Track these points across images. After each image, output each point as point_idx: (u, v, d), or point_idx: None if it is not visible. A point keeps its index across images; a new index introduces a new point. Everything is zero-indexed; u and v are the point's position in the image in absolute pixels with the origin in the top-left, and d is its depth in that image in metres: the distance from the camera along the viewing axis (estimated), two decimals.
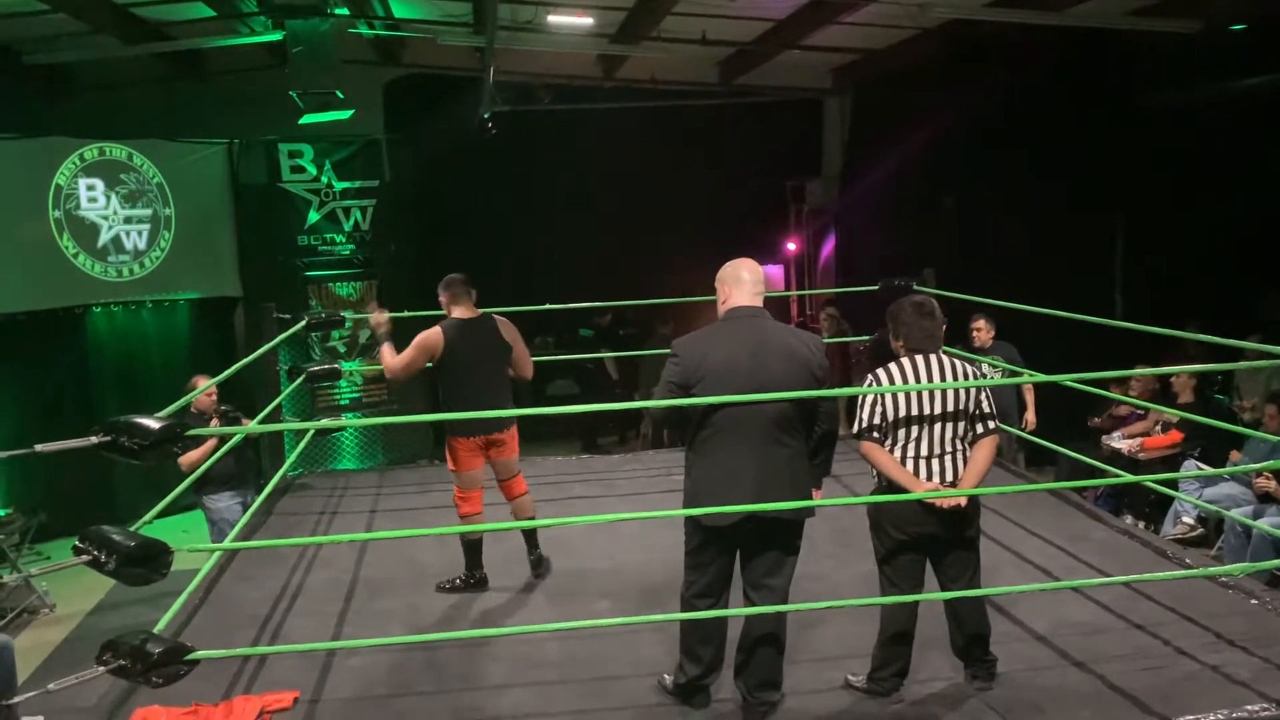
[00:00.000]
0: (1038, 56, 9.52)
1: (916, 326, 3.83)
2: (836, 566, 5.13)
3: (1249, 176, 9.25)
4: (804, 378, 3.68)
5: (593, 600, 5.03)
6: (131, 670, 3.35)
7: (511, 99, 10.58)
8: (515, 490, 5.39)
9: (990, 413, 3.81)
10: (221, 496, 6.80)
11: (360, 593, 5.26)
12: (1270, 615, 4.47)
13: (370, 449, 10.46)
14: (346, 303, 10.52)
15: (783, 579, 3.77)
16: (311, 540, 5.76)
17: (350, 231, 10.59)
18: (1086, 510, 6.21)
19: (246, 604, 5.11)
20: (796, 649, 4.17)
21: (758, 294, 3.80)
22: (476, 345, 5.16)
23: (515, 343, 5.29)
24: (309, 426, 7.09)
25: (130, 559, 3.26)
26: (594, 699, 4.01)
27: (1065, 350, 6.40)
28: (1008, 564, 5.23)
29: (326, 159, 10.42)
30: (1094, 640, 4.29)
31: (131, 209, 9.65)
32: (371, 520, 6.52)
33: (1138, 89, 10.07)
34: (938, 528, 3.74)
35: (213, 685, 4.10)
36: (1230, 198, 9.46)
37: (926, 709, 3.82)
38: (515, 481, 5.38)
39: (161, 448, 3.33)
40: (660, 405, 3.75)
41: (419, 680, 4.21)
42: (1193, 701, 3.70)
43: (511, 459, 5.34)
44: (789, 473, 3.72)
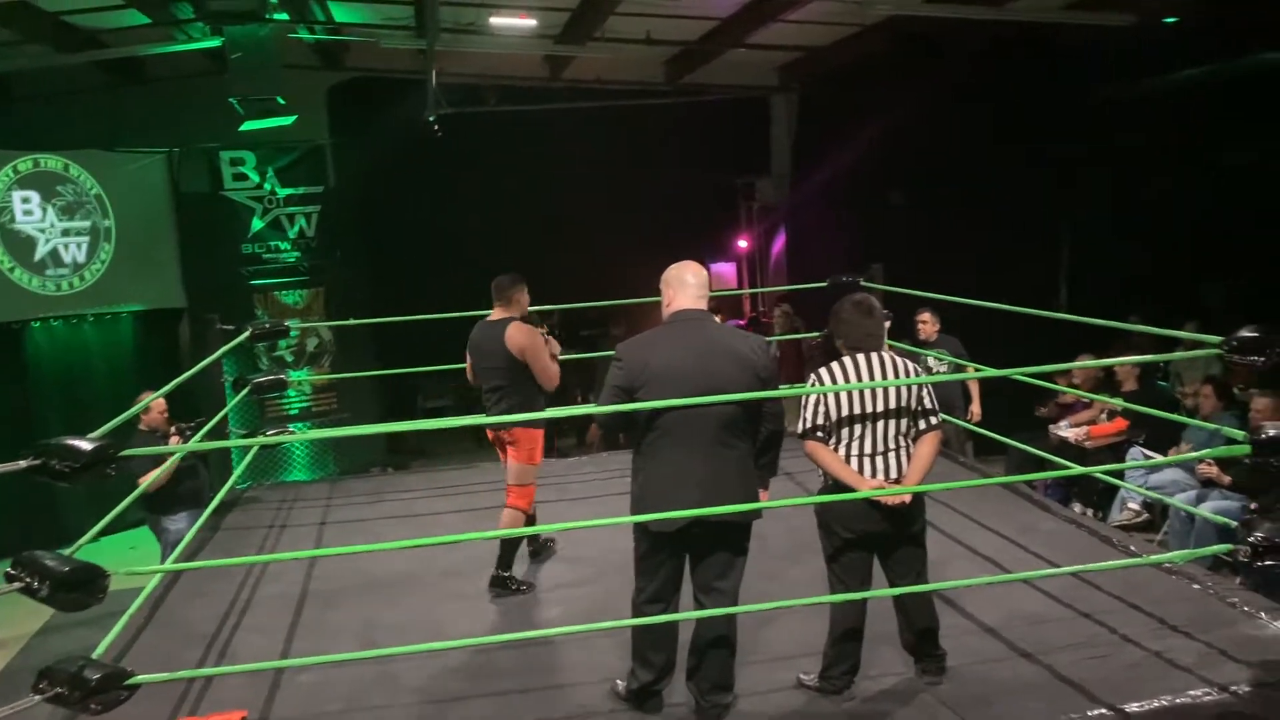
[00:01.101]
0: (981, 52, 9.64)
1: (856, 325, 3.84)
2: (790, 564, 5.14)
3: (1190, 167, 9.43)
4: (748, 380, 3.68)
5: (547, 607, 5.00)
6: (69, 698, 3.27)
7: (457, 101, 10.51)
8: (507, 498, 5.33)
9: (932, 409, 3.84)
10: (180, 517, 6.66)
11: (310, 606, 5.18)
12: (1212, 600, 4.55)
13: (322, 459, 10.34)
14: (293, 311, 10.39)
15: (732, 581, 3.77)
16: (255, 559, 5.67)
17: (295, 238, 10.46)
18: (1035, 501, 6.28)
19: (194, 622, 5.01)
20: (749, 649, 4.17)
21: (701, 297, 3.80)
22: (480, 347, 5.32)
23: (523, 354, 5.20)
24: (252, 443, 6.97)
25: (63, 584, 3.17)
26: (548, 707, 3.98)
27: (1013, 341, 6.49)
28: (958, 556, 5.27)
29: (269, 166, 10.28)
30: (1042, 631, 4.34)
31: (69, 221, 9.45)
32: (321, 532, 6.43)
33: (1080, 83, 10.22)
34: (884, 525, 3.76)
35: (158, 707, 4.01)
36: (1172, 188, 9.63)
37: (878, 705, 3.83)
38: (510, 489, 5.32)
39: (94, 469, 3.25)
40: (605, 411, 3.74)
41: (371, 694, 4.16)
42: (1138, 689, 3.75)
43: (513, 464, 5.28)
44: (736, 475, 3.71)
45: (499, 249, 11.65)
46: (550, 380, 5.29)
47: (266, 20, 8.24)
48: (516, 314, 5.36)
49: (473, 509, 6.71)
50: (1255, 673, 3.81)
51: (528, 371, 5.22)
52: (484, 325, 5.37)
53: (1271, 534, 3.80)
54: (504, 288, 5.37)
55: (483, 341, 5.32)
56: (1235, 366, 3.99)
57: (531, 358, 5.20)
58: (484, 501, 6.85)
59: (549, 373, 5.27)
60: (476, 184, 11.59)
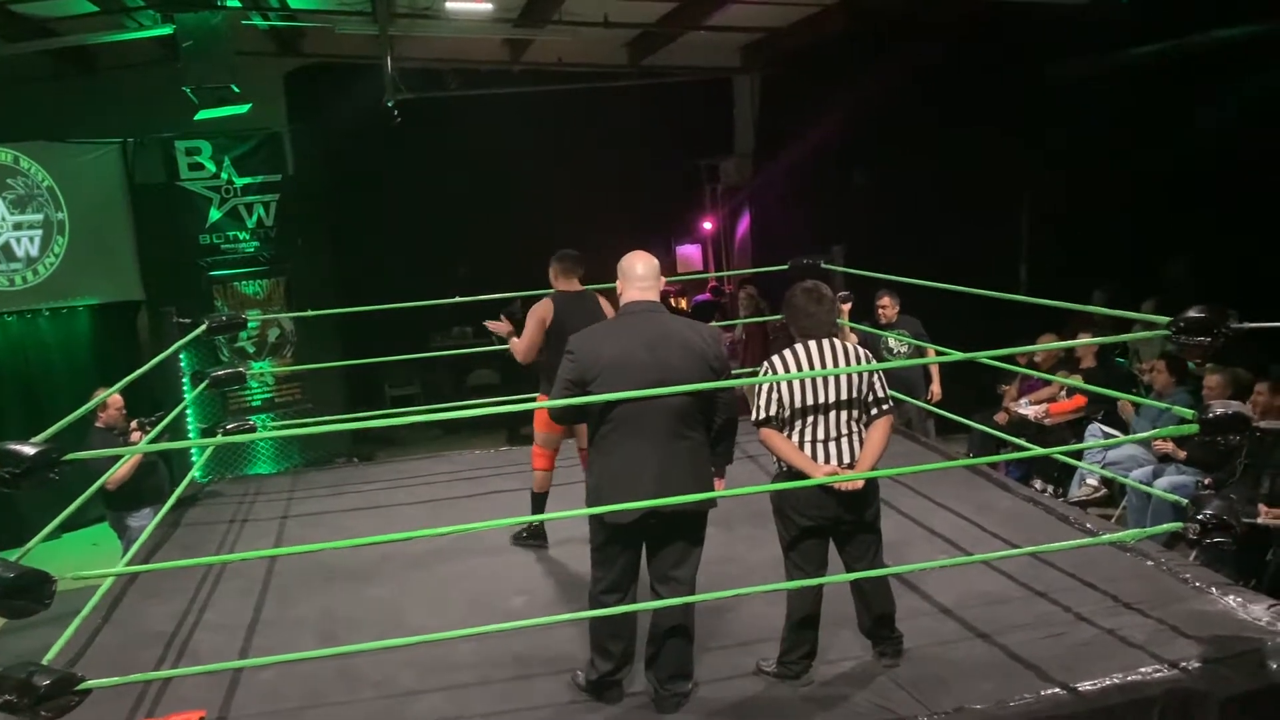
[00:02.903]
0: (941, 31, 9.64)
1: (805, 313, 3.85)
2: (750, 549, 5.16)
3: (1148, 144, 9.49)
4: (700, 370, 3.69)
5: (509, 597, 5.00)
6: (19, 705, 3.24)
7: (417, 86, 10.38)
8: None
9: (884, 394, 3.85)
10: (142, 514, 6.60)
11: (271, 602, 5.15)
12: (1165, 576, 4.62)
13: (286, 450, 10.24)
14: (253, 301, 10.27)
15: (689, 570, 3.79)
16: (211, 560, 5.62)
17: (254, 228, 10.31)
18: (994, 479, 6.34)
19: (151, 621, 4.96)
20: (708, 635, 4.20)
21: (650, 288, 3.80)
22: (581, 316, 5.23)
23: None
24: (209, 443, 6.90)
25: (9, 591, 3.15)
26: (509, 700, 3.99)
27: (974, 321, 6.53)
28: (917, 538, 5.32)
29: (226, 155, 10.11)
30: (998, 611, 4.39)
31: (21, 214, 9.27)
32: (283, 526, 6.38)
33: (1039, 61, 10.26)
34: (839, 510, 3.79)
35: (115, 709, 3.97)
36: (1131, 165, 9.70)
37: (836, 689, 3.87)
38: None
39: (37, 475, 3.21)
40: (558, 405, 3.73)
41: (331, 690, 4.14)
42: (1090, 667, 3.81)
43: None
44: (690, 465, 3.73)
45: (461, 235, 11.65)
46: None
47: (218, 7, 8.11)
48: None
49: (436, 499, 6.71)
50: (1204, 648, 3.88)
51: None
52: (571, 295, 5.44)
53: (1220, 511, 3.86)
54: (578, 260, 5.54)
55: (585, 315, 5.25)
56: (1185, 346, 4.04)
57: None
58: (448, 492, 6.86)
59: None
60: (438, 169, 11.49)
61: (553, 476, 5.66)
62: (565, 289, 5.48)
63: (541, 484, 5.64)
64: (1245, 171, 8.66)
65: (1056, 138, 10.29)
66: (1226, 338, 3.82)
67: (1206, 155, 9.04)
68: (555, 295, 5.45)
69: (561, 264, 5.51)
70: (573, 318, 5.24)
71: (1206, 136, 9.05)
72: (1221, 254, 8.98)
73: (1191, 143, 9.19)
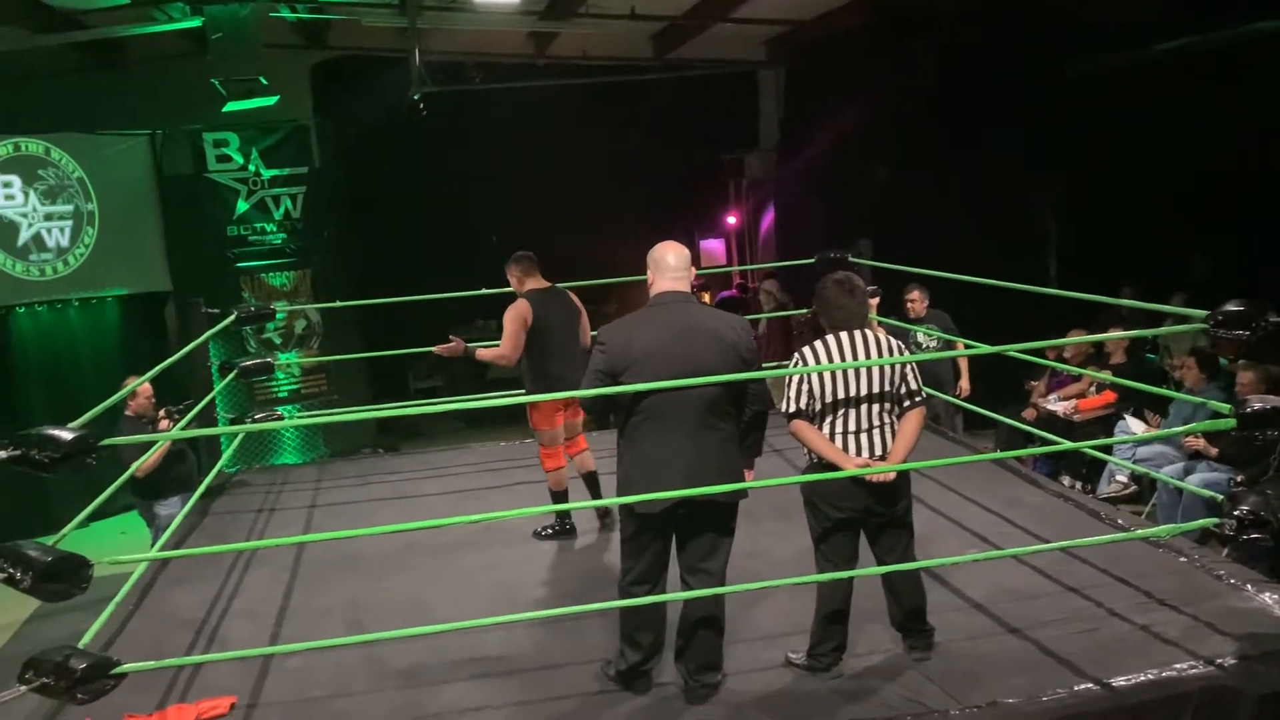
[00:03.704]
0: (967, 24, 9.58)
1: (837, 305, 3.83)
2: (778, 542, 5.15)
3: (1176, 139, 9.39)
4: (732, 360, 3.68)
5: (534, 587, 5.01)
6: (55, 688, 3.27)
7: (442, 79, 10.41)
8: (578, 446, 5.84)
9: (917, 387, 3.83)
10: (171, 502, 6.66)
11: (299, 590, 5.18)
12: (1198, 572, 4.57)
13: (312, 441, 10.31)
14: (280, 293, 10.34)
15: (718, 562, 3.78)
16: (244, 546, 5.65)
17: (281, 220, 10.38)
18: (1022, 474, 6.30)
19: (182, 608, 5.00)
20: (737, 628, 4.18)
21: (681, 278, 3.79)
22: (557, 312, 5.51)
23: (582, 311, 5.68)
24: (238, 430, 6.94)
25: (47, 575, 3.17)
26: (537, 690, 3.99)
27: (1002, 316, 6.47)
28: (946, 532, 5.29)
29: (253, 147, 10.20)
30: (1029, 606, 4.35)
31: (51, 205, 9.36)
32: (310, 515, 6.41)
33: (1067, 55, 10.16)
34: (870, 502, 3.76)
35: (147, 694, 4.01)
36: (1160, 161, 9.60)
37: (866, 682, 3.85)
38: (577, 440, 5.83)
39: (74, 459, 3.23)
40: (588, 395, 3.73)
41: (358, 679, 4.16)
42: (1123, 663, 3.77)
43: (577, 420, 5.78)
44: (720, 456, 3.71)
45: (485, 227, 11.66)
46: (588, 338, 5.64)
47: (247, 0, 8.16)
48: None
49: (461, 490, 6.73)
50: (1239, 645, 3.83)
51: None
52: (543, 293, 5.53)
53: (1256, 507, 3.81)
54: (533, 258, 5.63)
55: (554, 306, 5.50)
56: (1222, 340, 3.99)
57: (584, 315, 5.68)
58: (473, 483, 6.87)
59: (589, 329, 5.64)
60: (462, 162, 11.52)
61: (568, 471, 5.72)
62: (535, 287, 5.54)
63: (559, 482, 5.67)
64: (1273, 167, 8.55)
65: (1083, 133, 10.19)
66: (1266, 332, 3.77)
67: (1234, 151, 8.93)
68: (530, 294, 5.48)
69: (521, 265, 5.57)
70: (550, 314, 5.45)
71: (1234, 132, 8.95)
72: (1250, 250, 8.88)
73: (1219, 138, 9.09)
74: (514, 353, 5.44)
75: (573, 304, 5.61)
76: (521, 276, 5.58)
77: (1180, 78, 9.23)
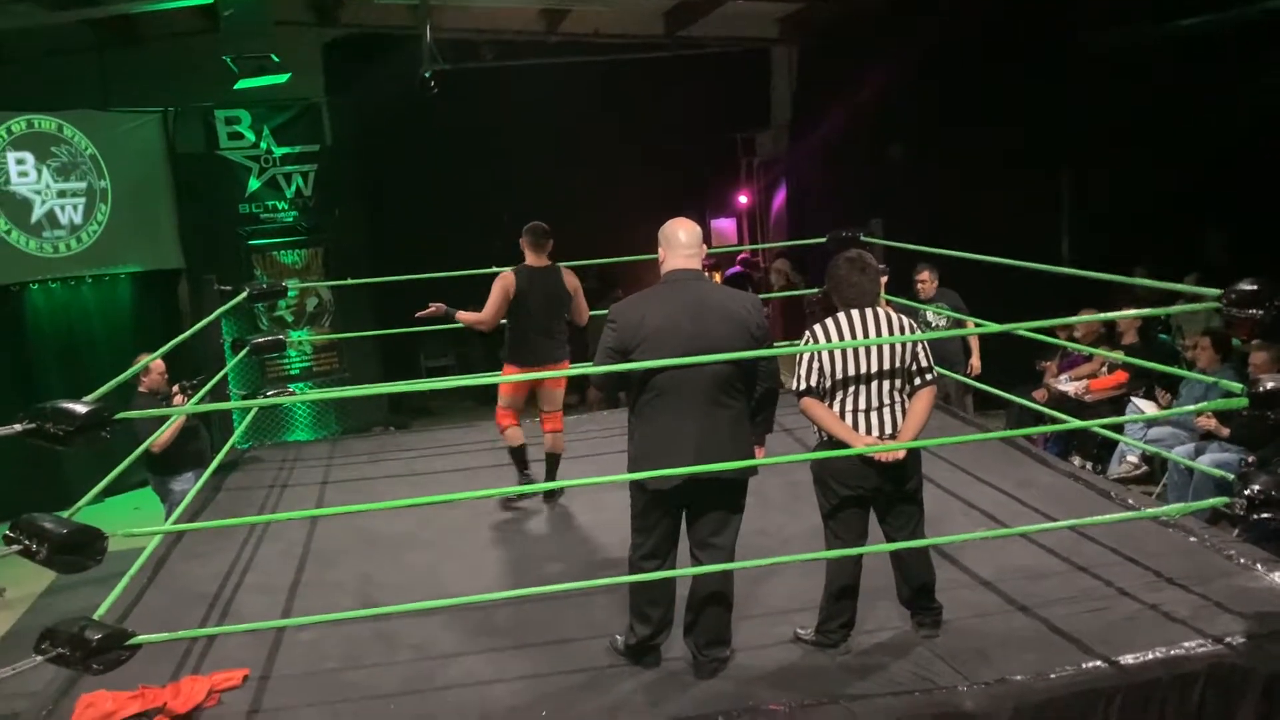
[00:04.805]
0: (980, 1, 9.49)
1: (849, 282, 3.82)
2: (788, 520, 5.16)
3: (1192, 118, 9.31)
4: (743, 338, 3.68)
5: (544, 564, 5.04)
6: (71, 658, 3.31)
7: (453, 57, 10.37)
8: (550, 425, 5.95)
9: (928, 365, 3.83)
10: (185, 478, 6.69)
11: (311, 565, 5.22)
12: (1208, 552, 4.57)
13: (324, 419, 10.35)
14: (292, 271, 10.36)
15: (728, 538, 3.79)
16: (255, 519, 5.69)
17: (293, 198, 10.39)
18: (1033, 454, 6.29)
19: (195, 582, 5.05)
20: (746, 604, 4.20)
21: (693, 256, 3.78)
22: (542, 290, 5.65)
23: (576, 293, 5.78)
24: (252, 404, 6.98)
25: (62, 547, 3.21)
26: (546, 663, 4.02)
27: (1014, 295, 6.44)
28: (956, 511, 5.29)
29: (265, 124, 10.19)
30: (1038, 584, 4.36)
31: (65, 182, 9.39)
32: (322, 492, 6.46)
33: (1081, 32, 10.07)
34: (880, 480, 3.77)
35: (161, 666, 4.04)
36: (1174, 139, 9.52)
37: (874, 659, 3.86)
38: (554, 417, 5.95)
39: (89, 433, 3.26)
40: (601, 371, 3.74)
41: (370, 652, 4.20)
42: (1132, 641, 3.78)
43: (556, 391, 5.92)
44: (731, 433, 3.72)
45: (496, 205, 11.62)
46: (585, 318, 5.88)
47: None
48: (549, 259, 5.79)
49: (472, 467, 6.76)
50: (1249, 624, 3.84)
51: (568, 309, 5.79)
52: (534, 269, 5.68)
53: (1267, 487, 3.81)
54: (547, 233, 5.72)
55: (542, 283, 5.66)
56: (1234, 320, 3.97)
57: (579, 296, 5.80)
58: (483, 460, 6.89)
59: (585, 310, 5.86)
60: (473, 140, 11.48)
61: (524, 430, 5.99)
62: (531, 263, 5.68)
63: (513, 438, 5.91)
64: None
65: (1096, 111, 10.11)
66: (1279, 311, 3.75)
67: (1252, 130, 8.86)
68: (518, 268, 5.66)
69: (528, 237, 5.70)
70: (532, 290, 5.61)
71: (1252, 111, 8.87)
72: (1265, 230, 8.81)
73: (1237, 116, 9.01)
74: (489, 318, 5.68)
75: (562, 285, 5.71)
76: (525, 247, 5.72)
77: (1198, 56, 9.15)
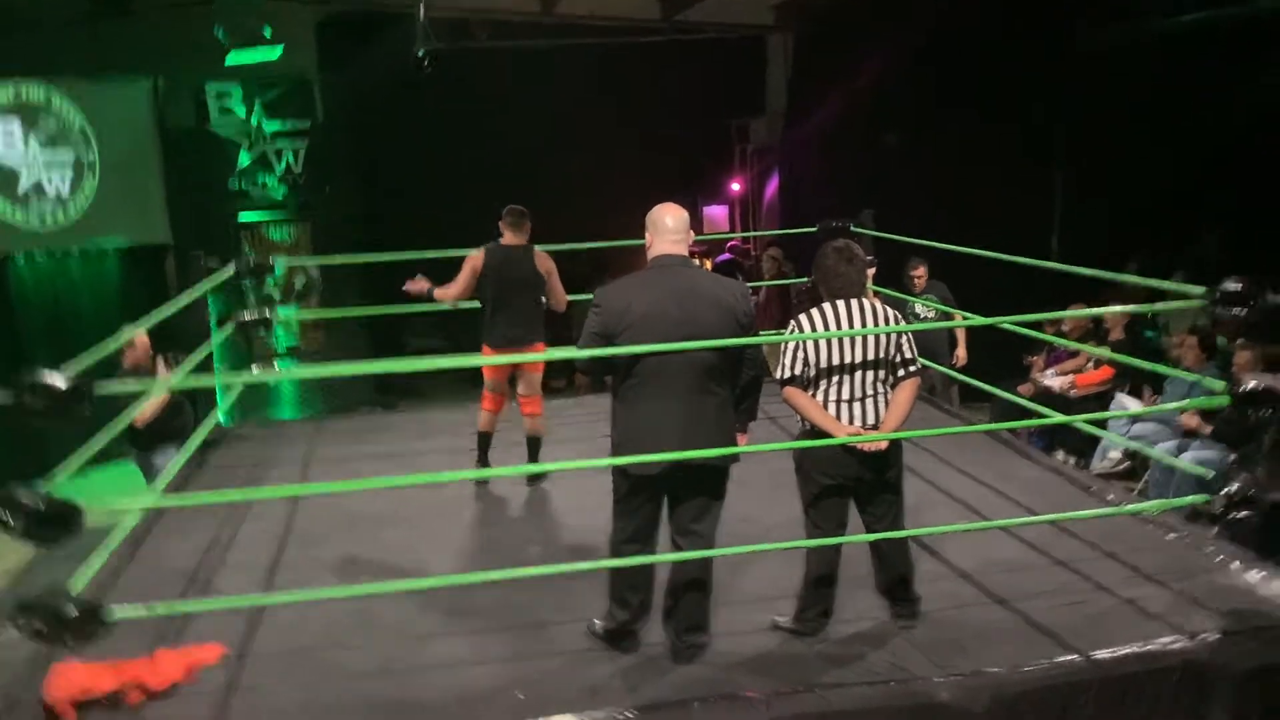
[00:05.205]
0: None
1: (835, 273, 3.82)
2: (769, 508, 5.13)
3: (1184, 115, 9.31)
4: (729, 325, 3.68)
5: (525, 546, 5.04)
6: (47, 633, 3.29)
7: (447, 37, 10.31)
8: (528, 408, 5.99)
9: (911, 356, 3.83)
10: (167, 452, 6.64)
11: (292, 544, 5.21)
12: (1186, 549, 4.60)
13: (309, 397, 10.33)
14: (280, 248, 10.32)
15: (709, 524, 3.80)
16: (236, 495, 5.66)
17: (283, 174, 10.34)
18: (1016, 448, 6.31)
19: (175, 558, 5.03)
20: (726, 591, 4.20)
21: (679, 241, 3.77)
22: (511, 270, 5.68)
23: (550, 275, 5.76)
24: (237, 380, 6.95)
25: (37, 520, 3.18)
26: (525, 646, 4.02)
27: (1006, 288, 6.45)
28: (937, 503, 5.31)
29: (256, 99, 10.12)
30: (1017, 577, 4.38)
31: (52, 153, 9.31)
32: (306, 471, 6.43)
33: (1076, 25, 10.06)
34: (861, 470, 3.78)
35: (137, 642, 4.02)
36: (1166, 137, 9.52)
37: (851, 648, 3.88)
38: (532, 400, 5.97)
39: (69, 406, 3.23)
40: (590, 355, 3.72)
41: (349, 632, 4.19)
42: (1109, 635, 3.80)
43: (533, 375, 5.94)
44: (714, 420, 3.72)
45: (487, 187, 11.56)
46: (562, 302, 5.90)
47: None
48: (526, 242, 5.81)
49: (457, 449, 6.73)
50: (1223, 621, 3.87)
51: (542, 292, 5.79)
52: (506, 248, 5.74)
53: (1246, 485, 3.83)
54: (523, 214, 5.77)
55: (510, 262, 5.70)
56: (1220, 318, 3.98)
57: (556, 280, 5.79)
58: (469, 442, 6.84)
59: (562, 295, 5.85)
60: (466, 121, 11.42)
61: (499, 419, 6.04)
62: (506, 242, 5.74)
63: (484, 423, 6.01)
64: None
65: (1091, 105, 10.11)
66: (1263, 310, 3.76)
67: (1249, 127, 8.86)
68: (490, 246, 5.73)
69: (506, 218, 5.77)
70: (503, 270, 5.67)
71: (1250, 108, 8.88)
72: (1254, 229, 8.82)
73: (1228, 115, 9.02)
74: (456, 292, 5.78)
75: (534, 267, 5.71)
76: (502, 229, 5.79)
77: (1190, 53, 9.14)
